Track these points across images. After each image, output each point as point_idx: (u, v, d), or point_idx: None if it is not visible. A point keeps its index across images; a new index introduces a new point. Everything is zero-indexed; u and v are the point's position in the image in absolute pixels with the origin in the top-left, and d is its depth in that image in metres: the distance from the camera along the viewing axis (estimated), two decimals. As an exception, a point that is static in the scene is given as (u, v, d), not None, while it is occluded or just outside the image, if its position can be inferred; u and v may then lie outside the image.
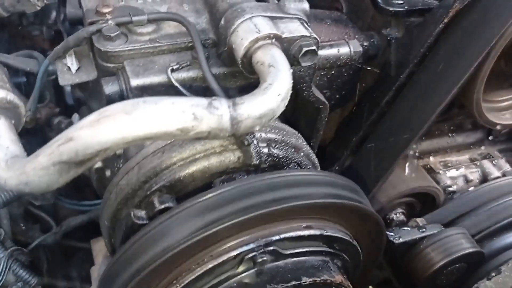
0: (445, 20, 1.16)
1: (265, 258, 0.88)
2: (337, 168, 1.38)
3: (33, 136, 1.45)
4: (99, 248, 1.25)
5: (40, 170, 0.82)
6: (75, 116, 1.21)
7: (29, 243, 1.49)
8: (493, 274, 0.93)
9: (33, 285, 1.33)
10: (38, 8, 1.33)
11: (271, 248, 0.88)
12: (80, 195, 1.53)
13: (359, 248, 1.01)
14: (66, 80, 1.08)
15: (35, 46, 1.65)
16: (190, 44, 1.07)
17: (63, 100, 1.51)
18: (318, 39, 1.03)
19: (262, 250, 0.88)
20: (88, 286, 1.19)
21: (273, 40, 0.97)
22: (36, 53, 1.46)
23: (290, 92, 0.92)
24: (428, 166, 1.58)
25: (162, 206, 0.93)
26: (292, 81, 0.93)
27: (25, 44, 1.66)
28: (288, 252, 0.90)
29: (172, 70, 1.03)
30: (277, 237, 0.88)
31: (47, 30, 1.71)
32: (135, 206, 0.97)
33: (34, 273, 1.36)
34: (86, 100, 1.25)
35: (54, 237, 1.52)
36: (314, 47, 1.01)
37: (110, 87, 1.02)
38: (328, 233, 0.93)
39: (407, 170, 1.48)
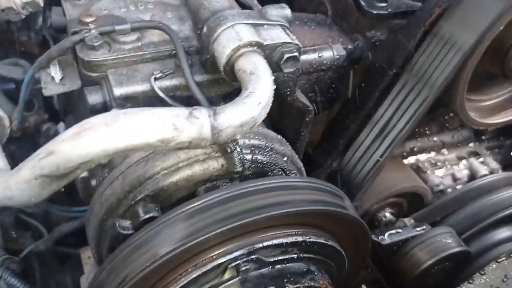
0: (427, 23, 1.16)
1: (248, 267, 0.88)
2: (324, 171, 1.39)
3: (24, 143, 1.46)
4: (88, 256, 1.25)
5: (23, 184, 0.82)
6: (61, 125, 1.21)
7: (21, 250, 1.49)
8: (475, 276, 0.93)
9: (25, 293, 1.33)
10: (23, 17, 1.33)
11: (255, 256, 0.89)
12: (71, 201, 1.53)
13: (343, 252, 1.01)
14: (50, 90, 1.07)
15: (24, 51, 1.65)
16: (174, 52, 1.06)
17: (52, 106, 1.50)
18: (300, 45, 1.03)
19: (246, 258, 0.88)
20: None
21: (255, 47, 0.97)
22: (22, 61, 1.47)
23: (272, 99, 0.92)
24: (416, 165, 1.59)
25: (147, 216, 0.93)
26: (273, 88, 0.93)
27: (14, 49, 1.66)
28: (271, 259, 0.91)
29: (156, 79, 1.02)
30: (260, 245, 0.89)
31: (35, 35, 1.70)
32: (120, 216, 0.97)
33: (26, 281, 1.36)
34: (71, 108, 1.25)
35: (46, 244, 1.53)
36: (295, 54, 1.01)
37: (93, 97, 1.02)
38: (311, 240, 0.93)
39: (394, 170, 1.49)
